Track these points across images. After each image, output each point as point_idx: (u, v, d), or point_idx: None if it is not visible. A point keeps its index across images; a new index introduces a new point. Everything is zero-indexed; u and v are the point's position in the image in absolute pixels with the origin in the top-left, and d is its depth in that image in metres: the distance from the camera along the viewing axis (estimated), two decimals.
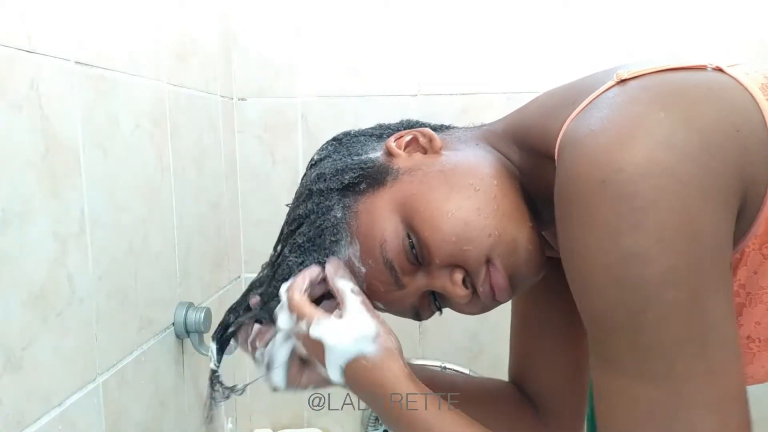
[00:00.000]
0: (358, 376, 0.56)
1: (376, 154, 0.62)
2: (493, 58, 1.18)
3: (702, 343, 0.44)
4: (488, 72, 1.18)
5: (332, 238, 0.59)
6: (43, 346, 0.62)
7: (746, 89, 0.49)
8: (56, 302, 0.64)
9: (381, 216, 0.58)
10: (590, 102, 0.51)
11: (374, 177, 0.60)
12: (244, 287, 1.27)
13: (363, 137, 0.66)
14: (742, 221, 0.47)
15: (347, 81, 1.21)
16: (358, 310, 0.57)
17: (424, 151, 0.61)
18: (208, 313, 0.95)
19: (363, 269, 0.58)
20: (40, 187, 0.62)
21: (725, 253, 0.45)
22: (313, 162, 0.67)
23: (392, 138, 0.62)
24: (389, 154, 0.61)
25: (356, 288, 0.59)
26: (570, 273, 0.48)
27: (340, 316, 0.57)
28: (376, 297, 0.60)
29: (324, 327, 0.56)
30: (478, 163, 0.59)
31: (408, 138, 0.62)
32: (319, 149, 0.68)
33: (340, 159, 0.63)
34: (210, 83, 1.10)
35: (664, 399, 0.44)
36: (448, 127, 0.67)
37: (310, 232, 0.61)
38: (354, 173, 0.60)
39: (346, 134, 0.67)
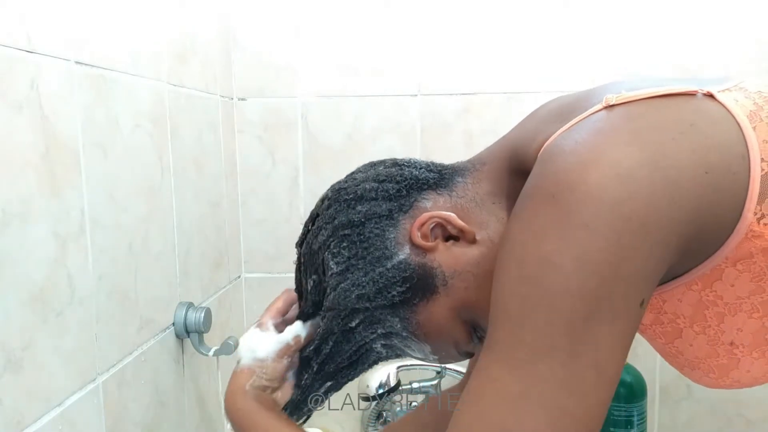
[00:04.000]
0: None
1: (405, 251, 0.60)
2: (493, 58, 1.18)
3: (574, 358, 0.46)
4: (488, 72, 1.18)
5: (400, 344, 0.64)
6: (43, 346, 0.62)
7: (734, 118, 0.50)
8: (56, 302, 0.64)
9: (447, 324, 0.61)
10: (576, 122, 0.53)
11: (423, 288, 0.60)
12: (244, 287, 1.27)
13: (372, 222, 0.61)
14: (706, 246, 0.50)
15: (347, 81, 1.21)
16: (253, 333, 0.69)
17: (457, 238, 0.60)
18: (208, 313, 0.95)
19: (436, 357, 0.64)
20: (40, 187, 0.62)
21: (642, 291, 0.47)
22: (333, 272, 0.62)
23: (414, 229, 0.60)
24: (419, 247, 0.60)
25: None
26: (497, 259, 0.52)
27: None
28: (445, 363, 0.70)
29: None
30: None
31: (431, 225, 0.60)
32: (331, 249, 0.62)
33: (371, 268, 0.60)
34: (210, 83, 1.10)
35: (515, 388, 0.47)
36: (450, 175, 0.64)
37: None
38: (400, 288, 0.60)
39: (351, 223, 0.61)
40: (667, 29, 1.14)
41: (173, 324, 0.92)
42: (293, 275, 0.70)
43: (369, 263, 0.60)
